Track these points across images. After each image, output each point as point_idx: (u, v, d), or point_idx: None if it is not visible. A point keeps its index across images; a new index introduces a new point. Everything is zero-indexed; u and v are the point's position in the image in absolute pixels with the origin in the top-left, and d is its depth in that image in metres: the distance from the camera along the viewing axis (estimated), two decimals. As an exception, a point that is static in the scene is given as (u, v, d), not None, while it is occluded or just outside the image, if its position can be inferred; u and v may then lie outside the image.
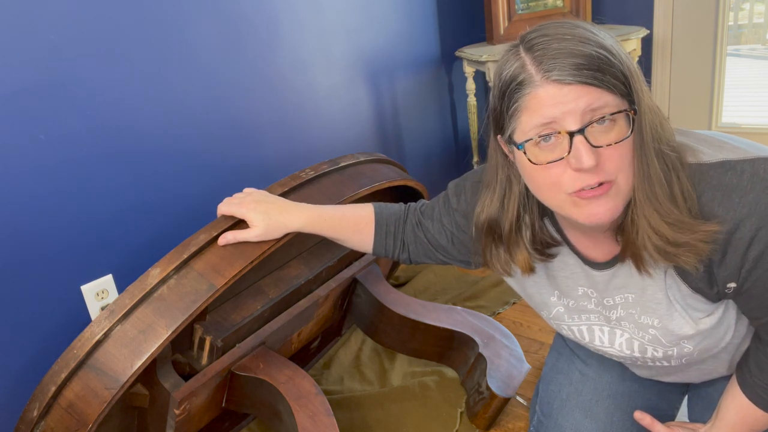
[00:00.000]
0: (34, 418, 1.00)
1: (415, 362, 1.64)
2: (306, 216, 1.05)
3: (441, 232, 1.03)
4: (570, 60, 0.68)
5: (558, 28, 0.72)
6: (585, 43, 0.69)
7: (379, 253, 1.10)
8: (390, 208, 1.10)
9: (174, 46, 1.49)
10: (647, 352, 0.90)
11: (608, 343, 0.94)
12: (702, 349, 0.87)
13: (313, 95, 1.88)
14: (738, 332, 0.88)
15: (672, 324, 0.84)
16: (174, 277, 1.03)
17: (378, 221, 1.08)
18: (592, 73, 0.68)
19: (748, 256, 0.73)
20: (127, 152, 1.43)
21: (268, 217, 1.04)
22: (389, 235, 1.08)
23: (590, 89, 0.69)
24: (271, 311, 1.29)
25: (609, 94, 0.69)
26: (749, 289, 0.76)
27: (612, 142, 0.70)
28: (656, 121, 0.74)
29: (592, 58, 0.68)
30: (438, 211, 1.04)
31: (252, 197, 1.07)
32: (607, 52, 0.70)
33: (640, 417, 1.01)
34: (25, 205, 1.27)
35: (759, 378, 0.85)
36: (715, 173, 0.74)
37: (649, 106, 0.73)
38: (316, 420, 1.13)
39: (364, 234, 1.08)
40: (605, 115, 0.69)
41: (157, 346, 0.97)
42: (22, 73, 1.23)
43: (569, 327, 0.96)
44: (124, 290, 1.01)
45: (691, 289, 0.80)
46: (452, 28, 2.41)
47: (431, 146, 2.45)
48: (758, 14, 5.45)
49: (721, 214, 0.72)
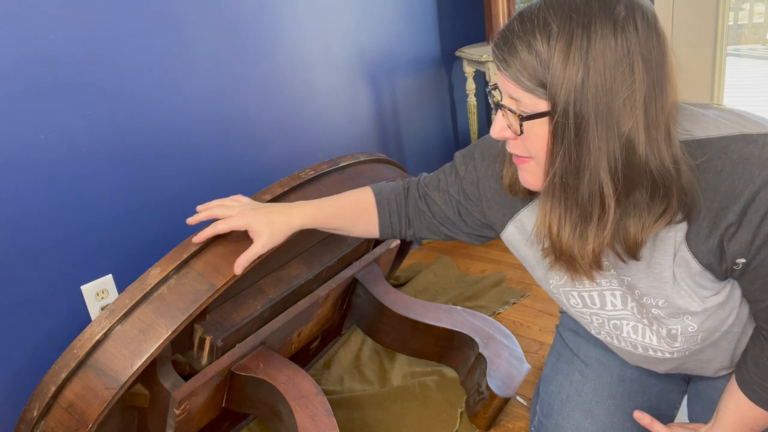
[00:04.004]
0: (34, 418, 1.00)
1: (415, 362, 1.64)
2: (306, 212, 1.04)
3: (447, 203, 1.02)
4: (498, 40, 0.73)
5: (534, 7, 0.73)
6: (522, 24, 0.71)
7: (386, 233, 1.09)
8: (388, 186, 1.10)
9: (174, 46, 1.49)
10: (653, 325, 0.90)
11: (621, 305, 0.92)
12: (705, 330, 0.86)
13: (313, 95, 1.88)
14: (740, 318, 0.87)
15: (679, 300, 0.83)
16: (174, 277, 1.03)
17: (379, 201, 1.07)
18: (503, 58, 0.72)
19: (760, 230, 0.73)
20: (127, 152, 1.43)
21: (270, 222, 1.02)
22: (393, 213, 1.07)
23: (500, 73, 0.74)
24: (271, 311, 1.29)
25: (511, 83, 0.72)
26: (756, 267, 0.76)
27: (506, 131, 0.77)
28: (625, 131, 0.68)
29: (507, 41, 0.72)
30: (444, 182, 1.03)
31: (246, 207, 1.04)
32: (533, 39, 0.69)
33: (640, 417, 1.01)
34: (25, 205, 1.27)
35: (756, 374, 0.85)
36: (736, 146, 0.73)
37: (609, 113, 0.68)
38: (316, 420, 1.13)
39: (367, 217, 1.07)
40: (499, 102, 0.76)
41: (157, 346, 0.97)
42: (22, 73, 1.23)
43: (579, 293, 0.94)
44: (124, 290, 1.01)
45: (702, 266, 0.80)
46: (452, 28, 2.41)
47: (431, 146, 2.45)
48: (758, 14, 5.46)
49: (740, 187, 0.72)
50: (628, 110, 0.68)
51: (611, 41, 0.67)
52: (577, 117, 0.68)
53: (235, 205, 1.05)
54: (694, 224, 0.77)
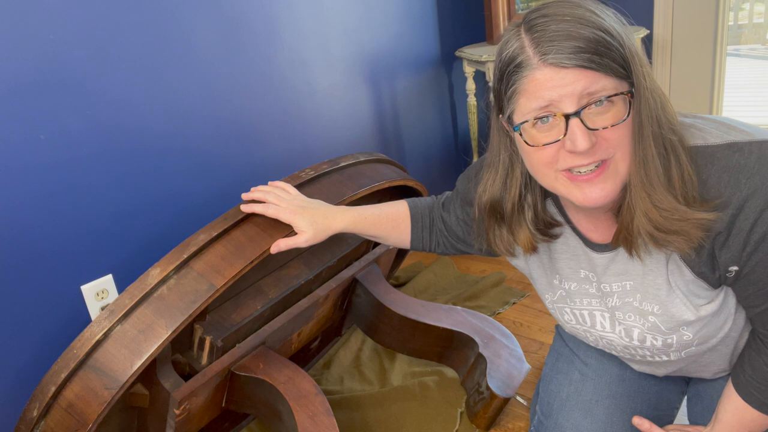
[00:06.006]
0: (34, 418, 1.00)
1: (415, 362, 1.64)
2: (348, 217, 1.09)
3: (457, 223, 1.07)
4: (568, 43, 0.69)
5: (559, 8, 0.72)
6: (584, 25, 0.70)
7: (416, 246, 1.14)
8: (422, 202, 1.14)
9: (174, 46, 1.49)
10: (646, 340, 0.90)
11: (609, 329, 0.93)
12: (701, 338, 0.86)
13: (313, 95, 1.88)
14: (736, 324, 0.87)
15: (673, 309, 0.83)
16: (174, 277, 1.03)
17: (413, 216, 1.12)
18: (589, 56, 0.69)
19: (750, 238, 0.73)
20: (126, 152, 1.43)
21: (315, 222, 1.06)
22: (425, 229, 1.12)
23: (587, 72, 0.69)
24: (271, 311, 1.29)
25: (606, 77, 0.70)
26: (748, 274, 0.77)
27: (608, 125, 0.71)
28: (657, 104, 0.74)
29: (590, 41, 0.69)
30: (452, 203, 1.08)
31: (295, 203, 1.09)
32: (607, 33, 0.70)
33: (639, 422, 1.01)
34: (25, 205, 1.27)
35: (752, 377, 0.85)
36: (723, 154, 0.74)
37: (650, 88, 0.73)
38: (316, 420, 1.13)
39: (401, 229, 1.12)
40: (602, 98, 0.70)
41: (157, 346, 0.97)
42: (22, 73, 1.23)
43: (572, 311, 0.96)
44: (124, 290, 1.01)
45: (695, 274, 0.80)
46: (452, 28, 2.41)
47: (431, 146, 2.45)
48: (758, 14, 5.46)
49: (727, 195, 0.72)
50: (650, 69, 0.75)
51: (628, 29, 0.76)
52: (639, 84, 0.72)
53: (288, 198, 1.11)
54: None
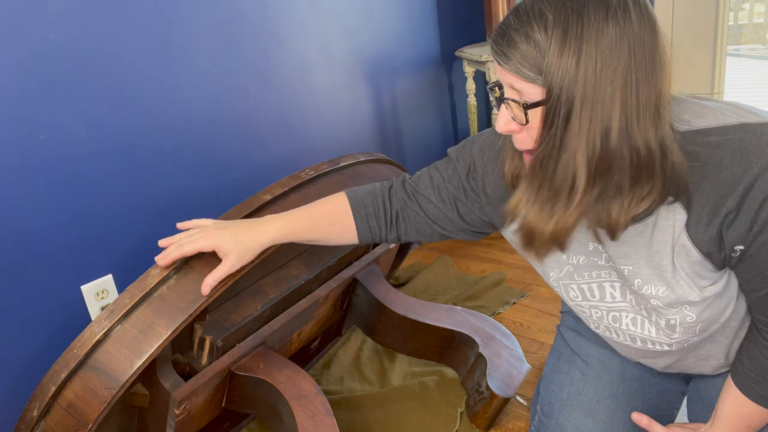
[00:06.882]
0: (34, 418, 1.00)
1: (415, 362, 1.64)
2: (275, 226, 1.01)
3: (445, 201, 1.00)
4: (495, 35, 0.74)
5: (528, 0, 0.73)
6: (518, 18, 0.71)
7: (365, 239, 1.04)
8: (363, 189, 1.05)
9: (174, 46, 1.49)
10: (651, 316, 0.90)
11: (620, 297, 0.92)
12: (704, 320, 0.86)
13: (313, 95, 1.88)
14: (737, 313, 0.87)
15: (679, 291, 0.84)
16: (174, 277, 1.03)
17: (354, 206, 1.02)
18: (503, 52, 0.72)
19: (758, 217, 0.73)
20: (126, 152, 1.43)
21: (238, 242, 0.99)
22: (371, 217, 1.02)
23: (500, 67, 0.74)
24: (271, 311, 1.29)
25: (512, 75, 0.72)
26: (753, 255, 0.77)
27: (512, 124, 0.76)
28: (607, 115, 0.69)
29: (504, 36, 0.72)
30: (439, 179, 1.00)
31: (213, 227, 1.02)
32: (531, 29, 0.70)
33: (638, 418, 1.01)
34: (25, 205, 1.27)
35: (750, 369, 0.85)
36: (735, 135, 0.74)
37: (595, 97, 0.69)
38: (316, 420, 1.13)
39: (342, 223, 1.02)
40: (501, 96, 0.75)
41: (157, 346, 0.97)
42: (22, 73, 1.23)
43: (578, 286, 0.95)
44: (124, 290, 1.01)
45: (701, 254, 0.80)
46: (452, 28, 2.41)
47: (431, 146, 2.45)
48: (758, 14, 5.46)
49: (739, 175, 0.73)
50: (616, 94, 0.68)
51: (604, 26, 0.68)
52: (568, 102, 0.69)
53: (201, 227, 1.03)
54: (694, 213, 0.77)
